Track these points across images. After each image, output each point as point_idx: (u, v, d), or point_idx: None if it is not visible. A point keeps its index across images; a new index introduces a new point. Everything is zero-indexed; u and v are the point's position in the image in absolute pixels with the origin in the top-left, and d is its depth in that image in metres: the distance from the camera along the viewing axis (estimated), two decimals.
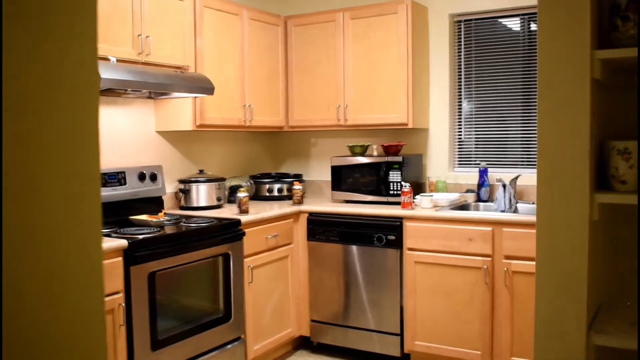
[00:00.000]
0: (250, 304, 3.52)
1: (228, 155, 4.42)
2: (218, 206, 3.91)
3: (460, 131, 4.22)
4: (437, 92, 4.20)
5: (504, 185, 3.68)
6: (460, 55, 4.17)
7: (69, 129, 0.64)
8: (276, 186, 4.32)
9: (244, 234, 3.42)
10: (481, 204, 3.92)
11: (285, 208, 3.89)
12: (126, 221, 3.27)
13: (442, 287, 3.51)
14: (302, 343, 4.14)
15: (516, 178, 3.73)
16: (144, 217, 3.28)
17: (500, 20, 4.04)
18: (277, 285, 3.78)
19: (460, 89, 4.20)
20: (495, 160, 4.09)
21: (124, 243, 2.72)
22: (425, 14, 4.14)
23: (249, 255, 3.50)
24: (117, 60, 3.03)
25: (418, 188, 4.10)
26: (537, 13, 1.54)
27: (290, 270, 3.90)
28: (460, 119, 4.21)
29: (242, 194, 3.62)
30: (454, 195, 3.88)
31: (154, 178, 3.61)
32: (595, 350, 1.53)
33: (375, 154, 4.14)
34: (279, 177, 4.42)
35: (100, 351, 0.69)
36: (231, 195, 4.10)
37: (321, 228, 3.89)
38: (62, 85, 0.63)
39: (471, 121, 4.18)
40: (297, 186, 4.10)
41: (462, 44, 4.16)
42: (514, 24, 4.01)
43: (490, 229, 3.35)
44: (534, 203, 3.68)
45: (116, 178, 3.38)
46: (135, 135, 3.66)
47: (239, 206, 3.62)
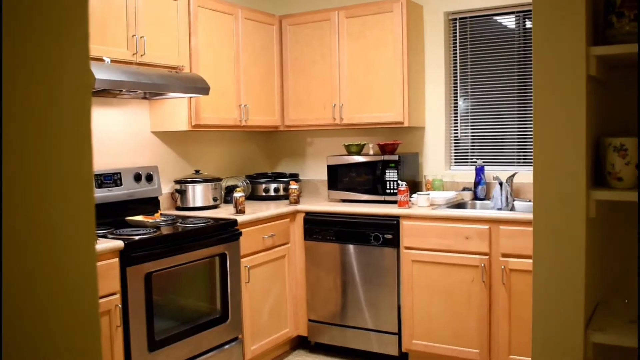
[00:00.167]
0: (248, 304, 3.51)
1: (224, 155, 4.41)
2: (214, 206, 3.90)
3: (457, 129, 4.21)
4: (433, 91, 4.20)
5: (501, 183, 3.68)
6: (456, 53, 4.17)
7: (61, 131, 0.64)
8: (272, 186, 4.31)
9: (240, 234, 3.42)
10: (478, 202, 3.92)
11: (281, 208, 3.88)
12: (122, 222, 3.26)
13: (440, 286, 3.51)
14: (300, 343, 4.14)
15: (513, 176, 3.74)
16: (140, 218, 3.27)
17: (495, 17, 4.04)
18: (274, 285, 3.78)
19: (456, 86, 4.19)
20: (492, 158, 4.09)
21: (120, 244, 2.71)
22: (420, 12, 4.14)
23: (246, 255, 3.50)
24: (112, 60, 3.02)
25: (414, 186, 4.10)
26: (532, 10, 1.54)
27: (287, 270, 3.89)
28: (456, 117, 4.21)
29: (239, 194, 3.61)
30: (450, 194, 3.88)
31: (149, 179, 3.60)
32: (593, 348, 1.53)
33: (371, 152, 4.13)
34: (275, 177, 4.41)
35: (95, 352, 0.68)
36: (227, 195, 4.09)
37: (318, 227, 3.88)
38: (54, 86, 0.63)
39: (467, 119, 4.18)
40: (294, 186, 4.10)
41: (458, 41, 4.16)
42: (509, 22, 4.02)
43: (487, 227, 3.35)
44: (530, 201, 3.68)
45: (112, 179, 3.37)
46: (130, 136, 3.65)
47: (236, 206, 3.61)
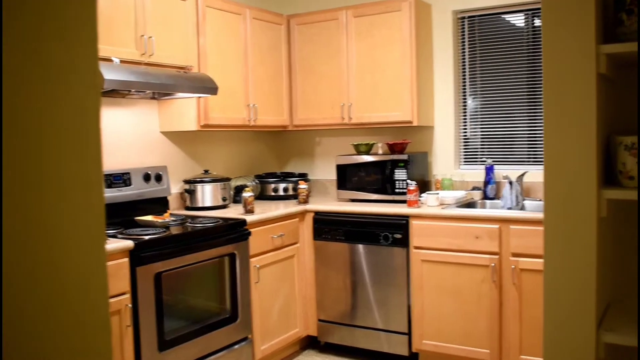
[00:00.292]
0: (257, 304, 3.52)
1: (233, 155, 4.41)
2: (223, 206, 3.90)
3: (466, 128, 4.20)
4: (442, 90, 4.18)
5: (511, 183, 3.66)
6: (465, 52, 4.15)
7: (71, 132, 0.64)
8: (281, 185, 4.31)
9: (249, 233, 3.42)
10: (488, 201, 3.90)
11: (290, 207, 3.88)
12: (132, 222, 3.28)
13: (450, 286, 3.50)
14: (310, 343, 4.14)
15: (523, 175, 3.72)
16: (149, 218, 3.28)
17: (504, 16, 4.01)
18: (284, 285, 3.78)
19: (465, 85, 4.18)
20: (502, 157, 4.06)
21: (129, 244, 2.72)
22: (428, 11, 4.13)
23: (255, 255, 3.50)
24: (121, 61, 3.03)
25: (424, 186, 4.09)
26: (541, 8, 1.52)
27: (296, 269, 3.89)
28: (466, 116, 4.19)
29: (248, 194, 3.62)
30: (460, 193, 3.86)
31: (159, 179, 3.61)
32: (604, 348, 1.52)
33: (380, 152, 4.12)
34: (284, 177, 4.41)
35: (105, 353, 0.68)
36: (236, 195, 4.10)
37: (327, 227, 3.88)
38: (63, 87, 0.63)
39: (476, 118, 4.16)
40: (303, 185, 4.09)
41: (466, 40, 4.14)
42: (518, 20, 3.99)
43: (497, 226, 3.34)
44: (541, 200, 3.66)
45: (121, 179, 3.39)
46: (139, 136, 3.66)
47: (245, 206, 3.61)
